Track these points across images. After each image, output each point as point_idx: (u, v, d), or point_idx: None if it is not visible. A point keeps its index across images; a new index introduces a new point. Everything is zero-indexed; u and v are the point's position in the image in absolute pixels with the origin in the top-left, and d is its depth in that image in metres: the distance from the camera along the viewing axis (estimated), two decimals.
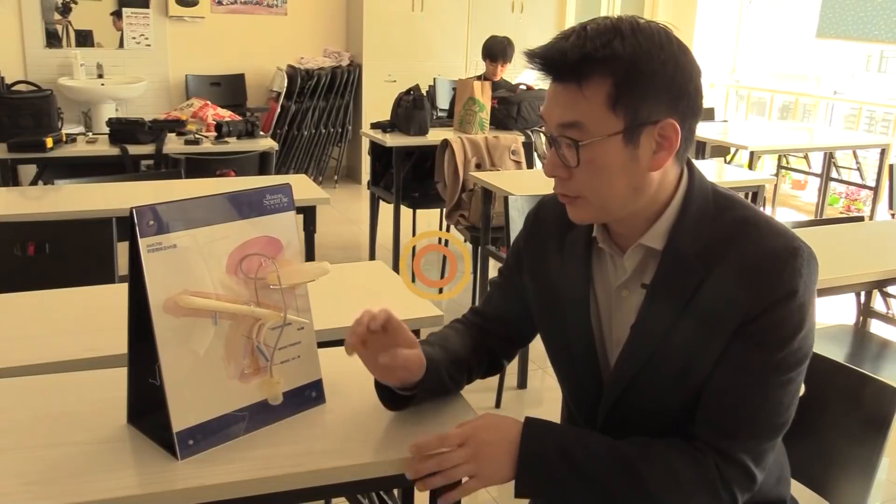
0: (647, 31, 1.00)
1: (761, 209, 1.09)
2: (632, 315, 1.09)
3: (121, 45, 5.55)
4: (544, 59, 1.01)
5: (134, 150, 3.50)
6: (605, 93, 0.98)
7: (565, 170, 1.03)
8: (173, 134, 3.71)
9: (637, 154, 1.01)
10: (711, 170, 3.87)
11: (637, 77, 0.98)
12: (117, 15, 5.49)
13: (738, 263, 1.01)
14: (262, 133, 3.92)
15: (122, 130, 3.55)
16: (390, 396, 1.17)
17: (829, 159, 5.31)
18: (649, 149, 1.01)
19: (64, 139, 3.46)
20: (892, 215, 3.91)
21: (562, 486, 1.04)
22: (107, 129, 3.64)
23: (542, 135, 1.11)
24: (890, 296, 3.13)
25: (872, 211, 5.39)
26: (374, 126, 4.18)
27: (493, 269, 2.82)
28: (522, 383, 3.07)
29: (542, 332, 1.24)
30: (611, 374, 1.12)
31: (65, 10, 5.36)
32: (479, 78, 4.42)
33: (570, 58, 0.98)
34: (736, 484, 1.02)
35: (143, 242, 1.01)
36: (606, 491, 1.03)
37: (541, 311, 1.22)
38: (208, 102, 4.51)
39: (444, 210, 3.85)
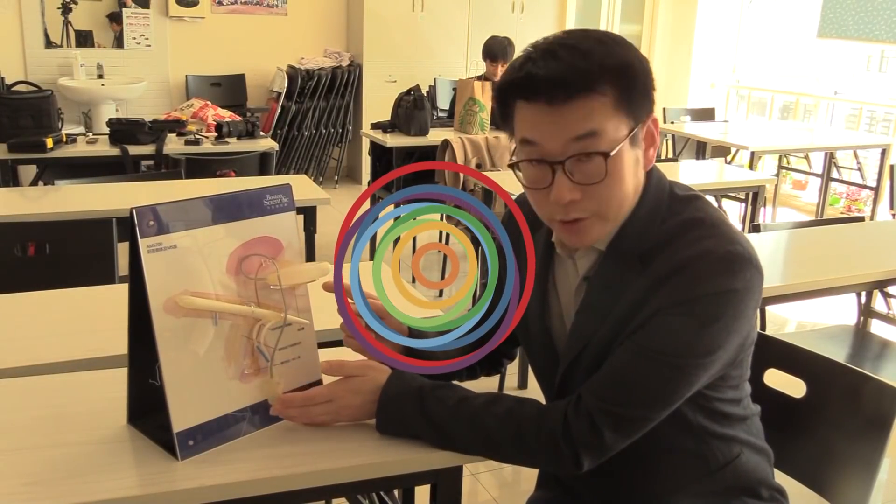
0: (618, 38, 1.05)
1: (721, 212, 1.10)
2: None
3: (120, 45, 5.55)
4: (557, 80, 0.99)
5: (134, 150, 3.50)
6: (614, 97, 1.01)
7: (579, 190, 1.03)
8: (173, 134, 3.72)
9: (639, 155, 1.06)
10: (712, 170, 3.87)
11: (634, 78, 1.03)
12: (112, 17, 5.49)
13: (670, 260, 1.03)
14: (262, 133, 3.93)
15: (123, 131, 3.56)
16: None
17: (830, 159, 5.31)
18: (642, 147, 1.07)
19: (64, 139, 3.47)
20: (893, 215, 3.91)
21: (418, 435, 1.10)
22: (107, 130, 3.64)
23: (515, 169, 1.10)
24: (891, 296, 3.13)
25: (873, 211, 5.39)
26: (375, 126, 4.18)
27: None
28: (523, 383, 3.07)
29: None
30: (562, 353, 1.17)
31: (65, 11, 5.36)
32: (479, 78, 4.42)
33: (587, 69, 0.99)
34: (580, 441, 1.04)
35: (143, 243, 1.01)
36: (454, 440, 1.09)
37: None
38: (208, 103, 4.51)
39: None
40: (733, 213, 4.73)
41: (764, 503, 1.21)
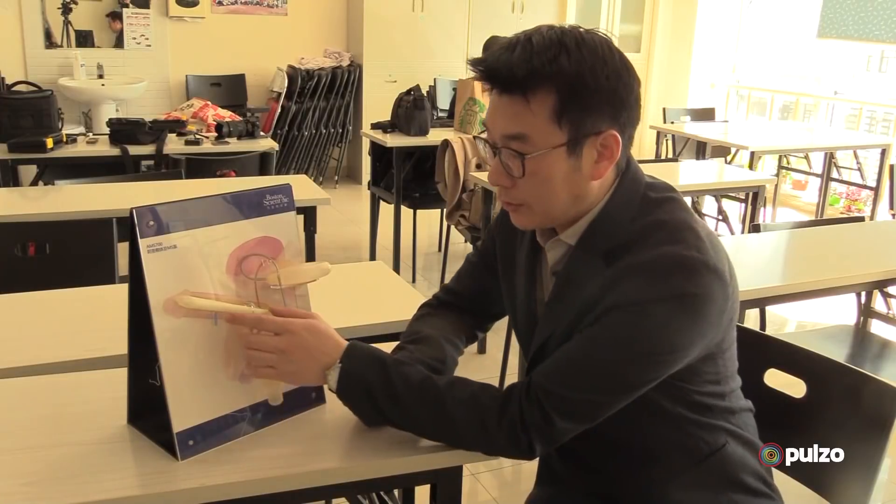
0: (591, 45, 1.03)
1: (689, 216, 1.10)
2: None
3: (120, 45, 5.55)
4: (490, 71, 1.05)
5: (134, 150, 3.50)
6: (551, 106, 1.03)
7: (509, 179, 1.08)
8: (174, 134, 3.71)
9: (580, 164, 1.07)
10: (712, 170, 3.87)
11: (581, 91, 1.03)
12: (112, 16, 5.49)
13: (630, 261, 1.04)
14: (262, 133, 3.92)
15: (123, 131, 3.55)
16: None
17: (830, 159, 5.30)
18: (591, 158, 1.07)
19: (64, 139, 3.46)
20: (893, 215, 3.91)
21: (378, 409, 1.09)
22: (107, 130, 3.64)
23: (484, 142, 1.15)
24: (890, 296, 3.13)
25: (873, 211, 5.39)
26: (375, 126, 4.17)
27: None
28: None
29: (505, 303, 1.31)
30: (533, 340, 1.20)
31: (65, 11, 5.36)
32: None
33: (516, 72, 1.02)
34: (533, 428, 1.05)
35: (143, 243, 1.01)
36: (415, 418, 1.09)
37: (504, 288, 1.30)
38: (208, 103, 4.51)
39: (445, 210, 3.85)
40: (733, 213, 4.73)
41: (753, 495, 1.21)
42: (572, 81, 1.01)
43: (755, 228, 2.64)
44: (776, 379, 1.43)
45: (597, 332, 1.05)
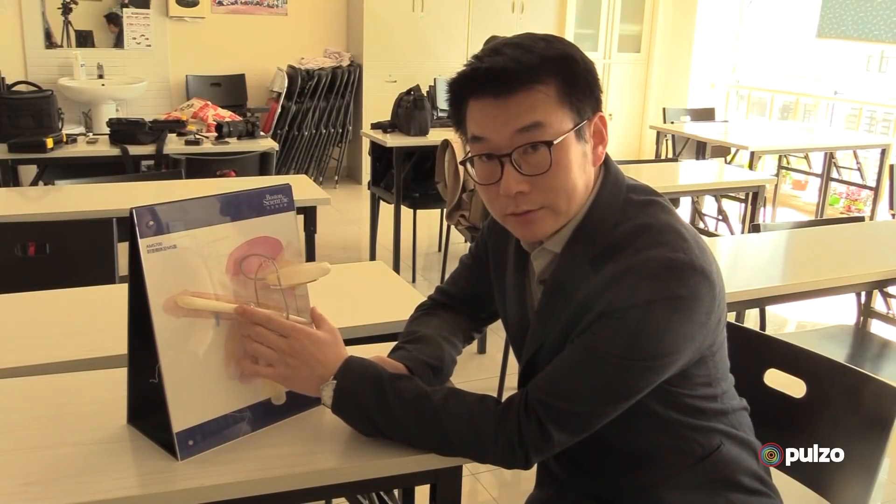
0: (564, 39, 1.09)
1: (674, 219, 1.10)
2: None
3: (120, 45, 5.55)
4: (499, 72, 1.03)
5: (134, 150, 3.50)
6: (556, 89, 1.04)
7: (528, 182, 1.06)
8: (174, 134, 3.72)
9: (587, 149, 1.08)
10: (712, 170, 3.87)
11: (577, 72, 1.06)
12: (109, 18, 5.49)
13: (616, 266, 1.04)
14: (262, 133, 3.92)
15: (123, 131, 3.55)
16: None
17: (830, 159, 5.31)
18: (590, 144, 1.09)
19: (64, 139, 3.47)
20: (893, 215, 3.91)
21: (374, 424, 1.09)
22: (107, 130, 3.64)
23: (466, 166, 1.11)
24: (890, 296, 3.13)
25: (873, 211, 5.39)
26: (375, 126, 4.17)
27: None
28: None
29: (497, 307, 1.31)
30: (524, 350, 1.21)
31: (65, 11, 5.36)
32: None
33: (527, 62, 1.03)
34: (531, 443, 1.06)
35: (142, 243, 1.01)
36: (410, 434, 1.08)
37: (496, 293, 1.30)
38: (209, 103, 4.51)
39: (445, 210, 3.85)
40: (733, 213, 4.73)
41: (750, 494, 1.21)
42: (570, 63, 1.05)
43: (755, 228, 2.64)
44: (776, 379, 1.44)
45: (589, 342, 1.04)
